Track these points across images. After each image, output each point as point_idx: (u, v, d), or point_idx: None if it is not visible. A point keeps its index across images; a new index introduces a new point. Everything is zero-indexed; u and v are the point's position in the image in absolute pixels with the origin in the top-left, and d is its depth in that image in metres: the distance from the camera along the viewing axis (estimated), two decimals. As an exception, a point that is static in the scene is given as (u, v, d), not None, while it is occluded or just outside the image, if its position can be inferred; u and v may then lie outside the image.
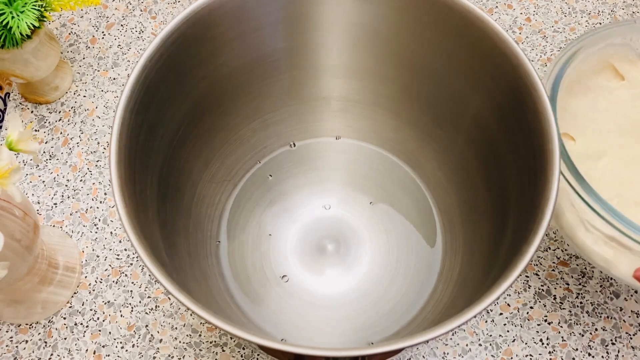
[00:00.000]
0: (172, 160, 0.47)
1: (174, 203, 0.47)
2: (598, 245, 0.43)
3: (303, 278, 0.52)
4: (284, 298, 0.51)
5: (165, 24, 0.49)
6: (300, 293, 0.51)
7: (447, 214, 0.54)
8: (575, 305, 0.52)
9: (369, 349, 0.33)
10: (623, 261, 0.42)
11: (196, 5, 0.43)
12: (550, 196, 0.37)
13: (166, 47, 0.42)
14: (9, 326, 0.52)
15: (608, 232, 0.40)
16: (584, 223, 0.43)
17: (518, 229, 0.39)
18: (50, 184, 0.57)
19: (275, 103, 0.53)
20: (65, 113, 0.60)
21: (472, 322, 0.51)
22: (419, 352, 0.50)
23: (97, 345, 0.51)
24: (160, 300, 0.52)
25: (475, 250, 0.48)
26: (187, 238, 0.49)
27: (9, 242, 0.42)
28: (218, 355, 0.50)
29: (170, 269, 0.40)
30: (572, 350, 0.50)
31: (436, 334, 0.33)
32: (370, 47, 0.50)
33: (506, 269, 0.36)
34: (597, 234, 0.42)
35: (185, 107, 0.47)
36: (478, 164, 0.49)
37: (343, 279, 0.52)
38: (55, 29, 0.65)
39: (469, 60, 0.45)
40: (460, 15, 0.43)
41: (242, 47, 0.48)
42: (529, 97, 0.40)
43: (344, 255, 0.53)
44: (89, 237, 0.55)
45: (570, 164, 0.40)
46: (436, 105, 0.51)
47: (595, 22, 0.64)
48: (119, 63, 0.63)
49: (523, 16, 0.65)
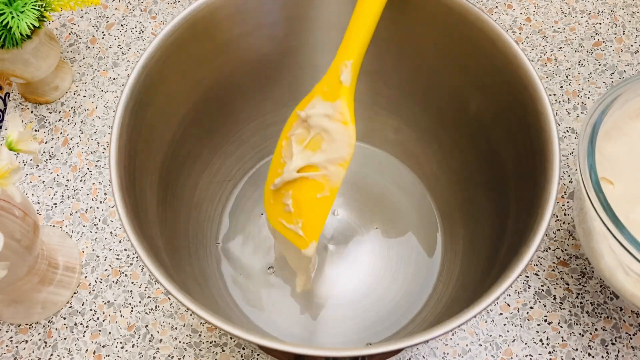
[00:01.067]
0: (172, 160, 0.47)
1: (174, 203, 0.47)
2: (637, 288, 0.43)
3: (303, 278, 0.52)
4: (284, 298, 0.51)
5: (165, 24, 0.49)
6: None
7: (447, 214, 0.54)
8: (575, 305, 0.52)
9: (368, 349, 0.33)
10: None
11: (196, 5, 0.43)
12: (550, 196, 0.37)
13: (166, 47, 0.42)
14: (9, 326, 0.52)
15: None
16: (622, 266, 0.43)
17: (518, 229, 0.39)
18: (50, 184, 0.57)
19: (275, 103, 0.53)
20: (65, 113, 0.60)
21: (472, 322, 0.51)
22: (419, 352, 0.50)
23: (97, 345, 0.51)
24: (160, 300, 0.52)
25: (475, 250, 0.48)
26: (187, 238, 0.49)
27: (8, 242, 0.42)
28: (218, 355, 0.50)
29: (170, 269, 0.40)
30: (572, 351, 0.50)
31: (436, 334, 0.33)
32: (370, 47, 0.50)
33: (506, 269, 0.36)
34: (635, 277, 0.43)
35: (185, 107, 0.47)
36: (478, 164, 0.49)
37: (343, 279, 0.52)
38: (55, 29, 0.65)
39: (469, 60, 0.45)
40: (460, 15, 0.43)
41: (242, 47, 0.48)
42: (529, 98, 0.40)
43: (344, 255, 0.53)
44: (89, 237, 0.55)
45: (608, 207, 0.41)
46: (436, 106, 0.51)
47: (595, 22, 0.64)
48: (119, 63, 0.63)
49: (523, 16, 0.65)
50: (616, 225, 0.40)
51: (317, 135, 0.42)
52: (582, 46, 0.63)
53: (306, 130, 0.43)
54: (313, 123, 0.42)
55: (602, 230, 0.41)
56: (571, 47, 0.63)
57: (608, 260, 0.44)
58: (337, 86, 0.41)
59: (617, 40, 0.63)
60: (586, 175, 0.42)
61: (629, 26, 0.64)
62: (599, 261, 0.45)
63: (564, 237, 0.54)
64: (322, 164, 0.42)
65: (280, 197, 0.44)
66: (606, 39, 0.63)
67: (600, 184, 0.41)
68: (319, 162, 0.42)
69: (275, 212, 0.45)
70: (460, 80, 0.47)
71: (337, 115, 0.41)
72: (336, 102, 0.41)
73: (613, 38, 0.63)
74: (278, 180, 0.44)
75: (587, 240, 0.46)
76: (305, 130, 0.43)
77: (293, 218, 0.44)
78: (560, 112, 0.60)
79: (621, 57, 0.62)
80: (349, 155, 0.41)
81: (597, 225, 0.42)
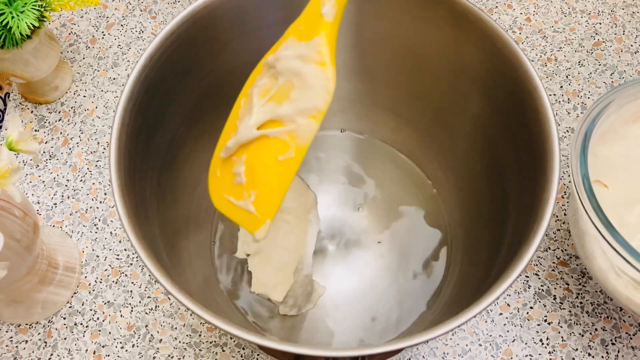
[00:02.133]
0: (172, 160, 0.47)
1: (174, 203, 0.47)
2: (628, 290, 0.44)
3: (303, 278, 0.52)
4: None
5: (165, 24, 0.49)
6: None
7: (447, 214, 0.54)
8: (575, 305, 0.52)
9: (369, 349, 0.33)
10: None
11: (196, 5, 0.43)
12: (550, 196, 0.37)
13: (166, 47, 0.42)
14: (9, 326, 0.52)
15: (637, 277, 0.41)
16: (614, 268, 0.44)
17: (518, 229, 0.39)
18: (50, 184, 0.57)
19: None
20: (65, 113, 0.60)
21: (472, 322, 0.51)
22: (419, 352, 0.50)
23: (97, 345, 0.51)
24: (160, 300, 0.52)
25: (475, 250, 0.48)
26: (187, 238, 0.49)
27: (8, 242, 0.42)
28: (218, 355, 0.50)
29: (170, 269, 0.40)
30: (572, 351, 0.50)
31: (436, 334, 0.33)
32: (370, 47, 0.50)
33: (506, 269, 0.36)
34: (626, 279, 0.43)
35: (185, 107, 0.47)
36: (478, 164, 0.49)
37: (343, 279, 0.52)
38: (55, 29, 0.65)
39: (469, 60, 0.45)
40: (460, 15, 0.43)
41: (242, 47, 0.48)
42: (529, 98, 0.40)
43: (344, 255, 0.53)
44: (89, 237, 0.55)
45: (599, 210, 0.41)
46: (436, 106, 0.51)
47: (595, 22, 0.64)
48: (119, 63, 0.63)
49: (523, 16, 0.65)
50: (605, 227, 0.41)
51: (287, 82, 0.34)
52: (582, 46, 0.63)
53: (273, 79, 0.36)
54: (282, 67, 0.35)
55: (594, 232, 0.42)
56: (571, 47, 0.63)
57: (600, 262, 0.45)
58: (316, 21, 0.34)
59: (617, 40, 0.63)
60: (579, 182, 0.43)
61: (629, 26, 0.64)
62: (592, 263, 0.46)
63: (564, 237, 0.54)
64: (290, 116, 0.34)
65: (230, 166, 0.37)
66: (606, 39, 0.63)
67: (592, 189, 0.42)
68: (285, 114, 0.34)
69: (221, 187, 0.38)
70: (460, 81, 0.47)
71: (314, 55, 0.34)
72: (313, 40, 0.34)
73: (613, 38, 0.63)
74: (231, 143, 0.37)
75: (581, 242, 0.47)
76: (271, 80, 0.36)
77: (244, 191, 0.36)
78: (560, 112, 0.60)
79: (621, 57, 0.62)
80: (326, 104, 0.34)
81: (589, 227, 0.42)
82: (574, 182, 0.43)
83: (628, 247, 0.40)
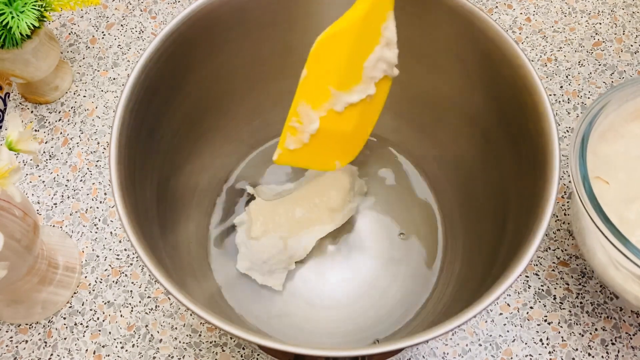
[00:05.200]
0: (172, 160, 0.47)
1: (174, 203, 0.47)
2: (628, 284, 0.45)
3: (303, 278, 0.52)
4: (284, 298, 0.51)
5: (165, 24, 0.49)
6: (301, 293, 0.51)
7: (447, 214, 0.54)
8: (575, 305, 0.52)
9: (369, 348, 0.33)
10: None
11: (196, 5, 0.43)
12: (550, 196, 0.37)
13: (166, 47, 0.42)
14: (9, 326, 0.52)
15: (635, 271, 0.42)
16: (613, 262, 0.45)
17: (518, 229, 0.39)
18: (50, 184, 0.57)
19: (275, 103, 0.53)
20: (65, 113, 0.60)
21: (472, 322, 0.51)
22: (419, 352, 0.50)
23: (97, 345, 0.51)
24: (160, 300, 0.52)
25: (475, 250, 0.48)
26: (187, 238, 0.49)
27: (8, 242, 0.42)
28: (218, 355, 0.50)
29: (170, 269, 0.40)
30: (572, 350, 0.50)
31: (436, 334, 0.33)
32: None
33: (506, 269, 0.36)
34: (625, 273, 0.44)
35: (186, 107, 0.47)
36: (478, 164, 0.49)
37: (343, 279, 0.52)
38: (55, 29, 0.65)
39: (469, 60, 0.45)
40: (460, 15, 0.43)
41: (242, 47, 0.48)
42: (529, 98, 0.40)
43: (344, 256, 0.53)
44: (89, 237, 0.55)
45: (597, 205, 0.42)
46: (436, 106, 0.51)
47: (595, 22, 0.64)
48: (119, 63, 0.63)
49: (523, 16, 0.65)
50: (604, 222, 0.41)
51: None
52: (582, 46, 0.63)
53: None
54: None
55: (593, 227, 0.42)
56: (571, 47, 0.63)
57: (600, 256, 0.46)
58: None
59: (617, 40, 0.63)
60: (578, 182, 0.43)
61: (629, 26, 0.64)
62: (592, 258, 0.46)
63: (564, 237, 0.54)
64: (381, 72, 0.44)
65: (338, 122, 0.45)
66: (606, 39, 0.63)
67: (592, 189, 0.43)
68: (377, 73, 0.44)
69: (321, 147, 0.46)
70: (460, 81, 0.47)
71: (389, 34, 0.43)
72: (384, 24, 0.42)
73: (613, 38, 0.63)
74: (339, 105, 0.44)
75: (582, 238, 0.47)
76: None
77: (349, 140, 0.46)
78: (560, 112, 0.60)
79: (621, 57, 0.62)
80: None
81: (590, 224, 0.43)
82: (574, 181, 0.43)
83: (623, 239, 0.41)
